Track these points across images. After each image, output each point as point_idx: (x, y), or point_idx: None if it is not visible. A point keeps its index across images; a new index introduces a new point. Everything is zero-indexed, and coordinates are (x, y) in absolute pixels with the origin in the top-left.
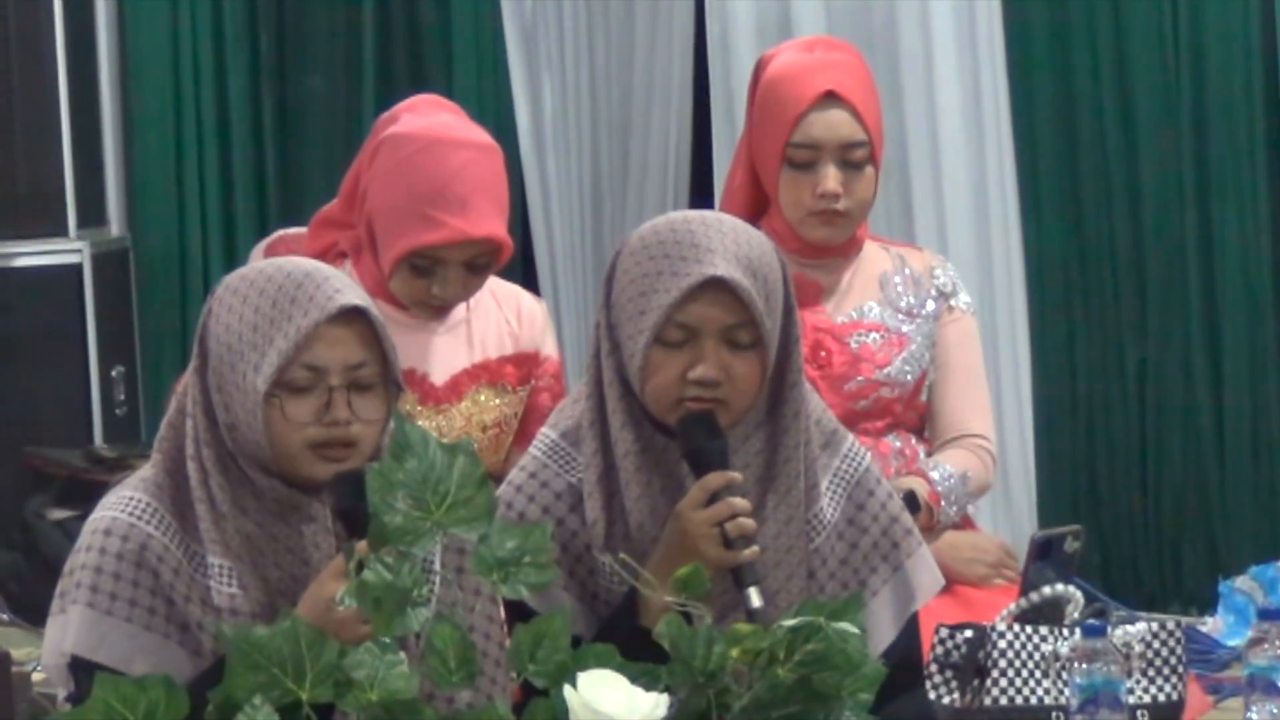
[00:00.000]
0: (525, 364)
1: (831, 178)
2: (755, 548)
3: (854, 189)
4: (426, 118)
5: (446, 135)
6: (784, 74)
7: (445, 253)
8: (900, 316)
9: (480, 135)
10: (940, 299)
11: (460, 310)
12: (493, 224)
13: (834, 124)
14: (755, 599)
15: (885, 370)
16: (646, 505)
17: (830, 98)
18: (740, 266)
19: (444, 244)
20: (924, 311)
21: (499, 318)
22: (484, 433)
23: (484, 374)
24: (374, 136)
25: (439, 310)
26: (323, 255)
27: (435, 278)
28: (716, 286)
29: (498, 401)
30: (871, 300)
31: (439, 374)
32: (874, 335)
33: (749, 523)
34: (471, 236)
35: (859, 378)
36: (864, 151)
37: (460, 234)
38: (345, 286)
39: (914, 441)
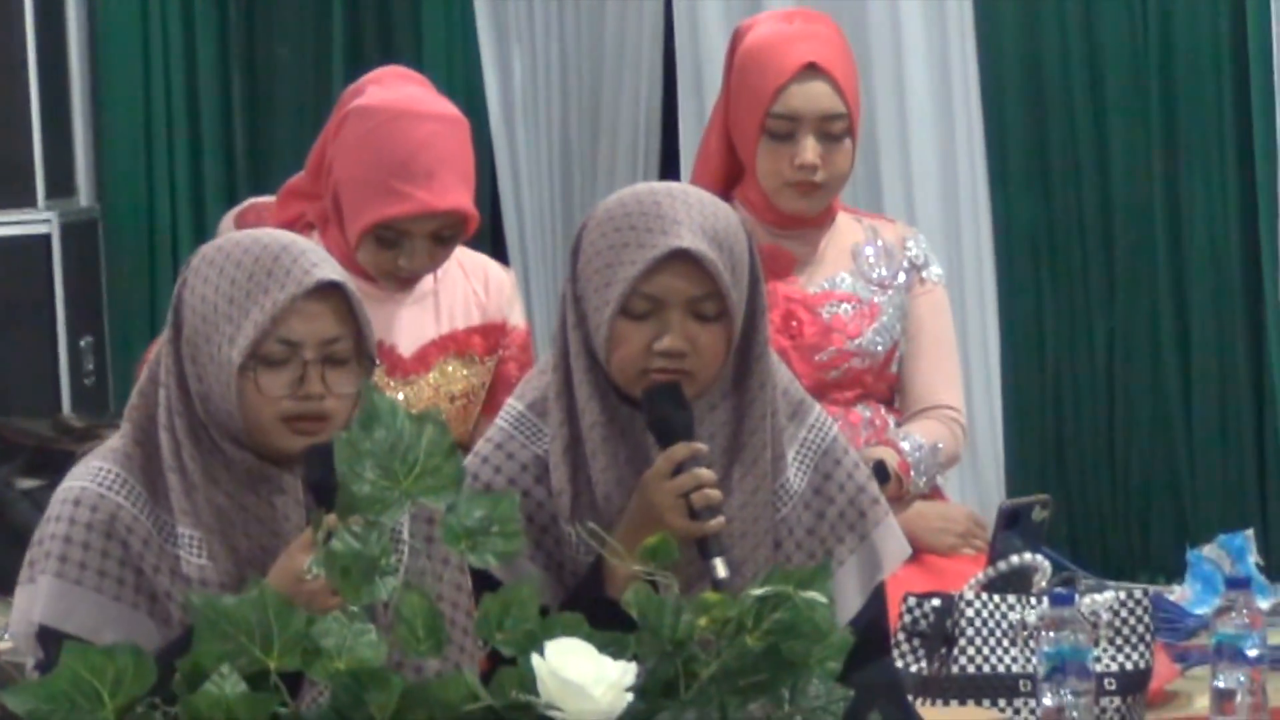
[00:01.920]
0: (493, 334)
1: (810, 149)
2: (721, 518)
3: (832, 161)
4: (392, 90)
5: (412, 108)
6: (764, 44)
7: (411, 225)
8: (872, 287)
9: (446, 107)
10: (912, 271)
11: (428, 281)
12: (458, 196)
13: (814, 96)
14: (721, 570)
15: (856, 341)
16: (613, 476)
17: (811, 69)
18: (706, 238)
19: (409, 216)
20: (896, 283)
21: (466, 288)
22: (452, 403)
23: (451, 345)
24: (340, 108)
25: (406, 282)
26: (290, 225)
27: (401, 250)
28: (682, 258)
29: (465, 372)
30: (844, 271)
31: (406, 345)
32: (845, 306)
33: (715, 493)
34: (436, 209)
35: (830, 348)
36: (843, 124)
37: (425, 206)
38: (321, 260)
39: (884, 412)
